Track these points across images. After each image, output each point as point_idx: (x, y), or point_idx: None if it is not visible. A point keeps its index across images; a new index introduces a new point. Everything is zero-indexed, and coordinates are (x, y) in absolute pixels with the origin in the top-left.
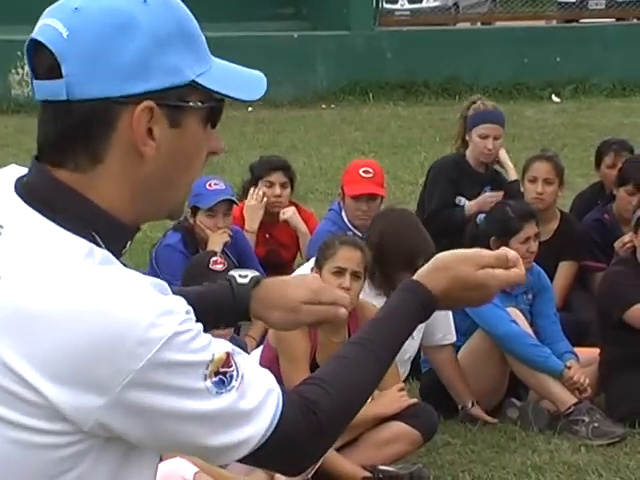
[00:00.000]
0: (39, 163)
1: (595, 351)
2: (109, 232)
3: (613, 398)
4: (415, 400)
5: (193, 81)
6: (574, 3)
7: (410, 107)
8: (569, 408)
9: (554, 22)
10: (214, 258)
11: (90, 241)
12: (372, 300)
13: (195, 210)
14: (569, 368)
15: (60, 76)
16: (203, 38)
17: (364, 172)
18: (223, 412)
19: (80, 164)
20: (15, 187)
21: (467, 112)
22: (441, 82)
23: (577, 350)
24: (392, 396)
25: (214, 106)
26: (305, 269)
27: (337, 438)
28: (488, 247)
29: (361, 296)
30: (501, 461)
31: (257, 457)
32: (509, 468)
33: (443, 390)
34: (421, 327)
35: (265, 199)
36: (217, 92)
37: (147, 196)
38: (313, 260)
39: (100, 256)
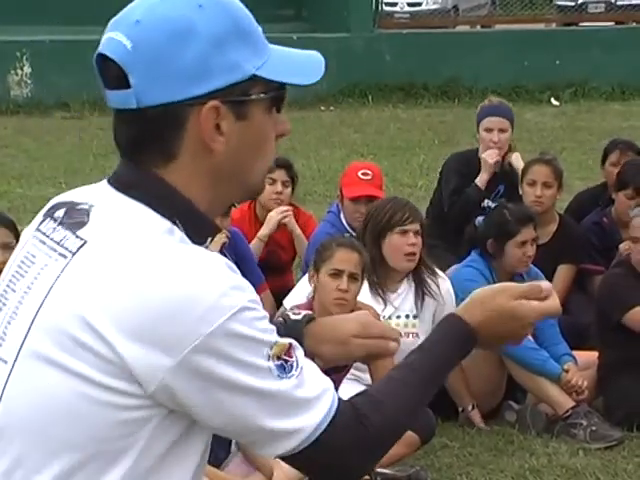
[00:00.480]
0: (124, 159)
1: (593, 354)
2: (190, 222)
3: (611, 401)
4: None
5: (254, 74)
6: (573, 6)
7: (409, 109)
8: (567, 411)
9: (553, 25)
10: None
11: (172, 224)
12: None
13: None
14: (567, 371)
15: (128, 86)
16: (259, 30)
17: (363, 174)
18: (282, 395)
19: (156, 162)
20: (107, 180)
21: None
22: (440, 85)
23: (575, 353)
24: None
25: (276, 95)
26: (305, 281)
27: (381, 457)
28: (485, 249)
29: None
30: (499, 464)
31: (302, 457)
32: (507, 471)
33: (441, 393)
34: (428, 326)
35: (285, 217)
36: (278, 82)
37: (223, 186)
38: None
39: (180, 236)
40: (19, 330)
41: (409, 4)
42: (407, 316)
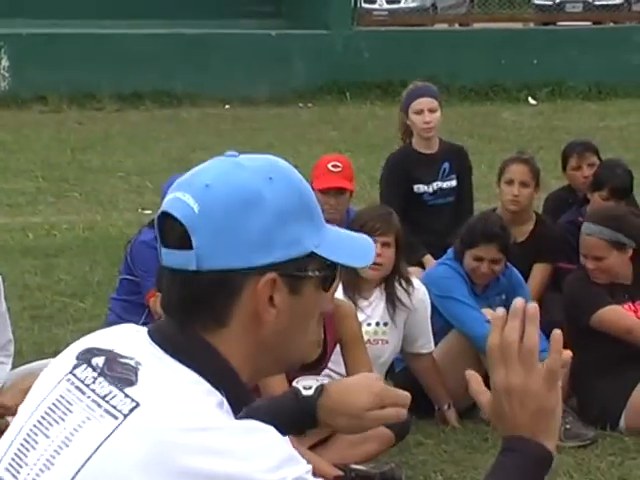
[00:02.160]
0: (169, 318)
1: (568, 353)
2: (233, 392)
3: (584, 401)
4: None
5: (312, 252)
6: (551, 6)
7: (387, 107)
8: None
9: (531, 24)
10: None
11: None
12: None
13: None
14: None
15: (190, 247)
16: (319, 209)
17: (332, 166)
18: None
19: (205, 327)
20: (150, 336)
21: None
22: None
23: None
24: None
25: (329, 274)
26: None
27: None
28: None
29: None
30: (473, 461)
31: None
32: (481, 468)
33: (417, 390)
34: (399, 333)
35: None
36: (334, 261)
37: (266, 357)
38: None
39: (226, 409)
40: None
41: (388, 2)
42: (377, 324)
